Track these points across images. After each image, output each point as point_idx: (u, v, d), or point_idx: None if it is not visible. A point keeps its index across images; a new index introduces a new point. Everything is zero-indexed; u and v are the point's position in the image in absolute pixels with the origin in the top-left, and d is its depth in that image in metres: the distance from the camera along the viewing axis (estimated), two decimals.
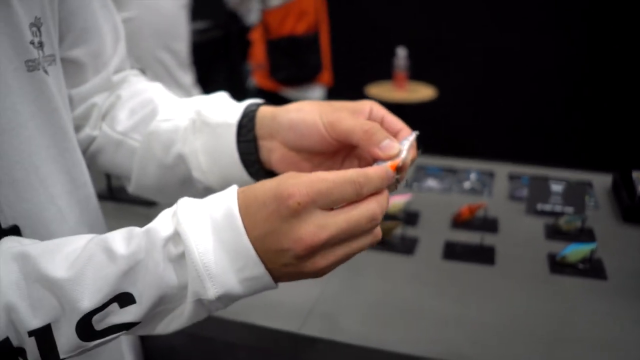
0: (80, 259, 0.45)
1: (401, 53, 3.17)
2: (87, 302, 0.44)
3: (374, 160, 0.53)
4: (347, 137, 0.54)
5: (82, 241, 0.47)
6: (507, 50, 3.42)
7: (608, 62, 3.26)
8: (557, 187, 1.26)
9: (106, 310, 0.45)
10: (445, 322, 0.91)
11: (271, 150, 0.61)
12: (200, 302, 0.46)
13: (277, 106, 0.62)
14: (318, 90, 2.93)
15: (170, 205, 0.49)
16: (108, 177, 1.38)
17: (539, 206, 1.25)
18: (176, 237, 0.46)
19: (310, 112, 0.57)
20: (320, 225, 0.43)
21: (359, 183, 0.44)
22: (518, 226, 1.21)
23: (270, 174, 0.63)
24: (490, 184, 1.40)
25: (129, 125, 0.69)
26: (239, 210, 0.45)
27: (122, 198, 1.37)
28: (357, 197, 0.45)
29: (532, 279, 1.02)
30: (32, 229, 0.54)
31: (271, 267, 0.45)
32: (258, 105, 0.63)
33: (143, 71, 0.80)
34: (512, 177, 1.43)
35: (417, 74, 3.27)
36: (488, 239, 1.12)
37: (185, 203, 0.47)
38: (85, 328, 0.45)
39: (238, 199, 0.46)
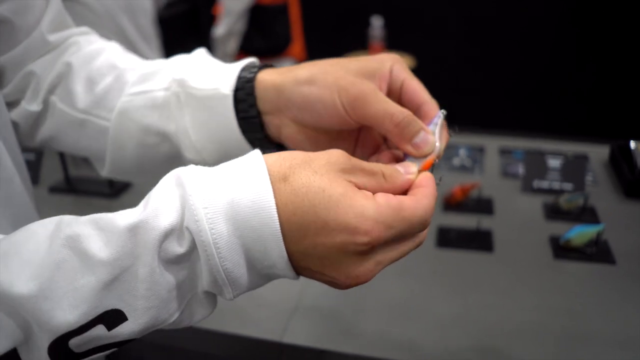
0: (46, 266, 0.35)
1: (376, 23, 3.05)
2: (62, 321, 0.35)
3: (405, 154, 0.46)
4: (374, 125, 0.47)
5: (43, 235, 0.36)
6: (488, 16, 3.31)
7: (599, 22, 3.15)
8: (554, 162, 1.17)
9: (89, 333, 0.36)
10: (444, 322, 0.82)
11: (280, 127, 0.52)
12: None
13: (276, 71, 0.52)
14: (288, 64, 2.80)
15: (151, 185, 0.39)
16: (65, 166, 1.25)
17: (536, 183, 1.16)
18: (181, 232, 0.37)
19: (325, 86, 0.47)
20: (378, 262, 0.39)
21: (426, 221, 0.39)
22: (515, 206, 1.12)
23: (280, 146, 0.55)
24: (481, 160, 1.31)
25: (90, 101, 0.57)
26: (277, 207, 0.37)
27: (82, 189, 1.24)
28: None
29: (535, 267, 0.93)
30: None
31: (300, 270, 0.40)
32: (253, 71, 0.52)
33: None
34: (504, 152, 1.34)
35: (393, 44, 3.15)
36: (484, 222, 1.03)
37: (194, 184, 0.37)
38: (61, 353, 0.36)
39: (278, 195, 0.37)
